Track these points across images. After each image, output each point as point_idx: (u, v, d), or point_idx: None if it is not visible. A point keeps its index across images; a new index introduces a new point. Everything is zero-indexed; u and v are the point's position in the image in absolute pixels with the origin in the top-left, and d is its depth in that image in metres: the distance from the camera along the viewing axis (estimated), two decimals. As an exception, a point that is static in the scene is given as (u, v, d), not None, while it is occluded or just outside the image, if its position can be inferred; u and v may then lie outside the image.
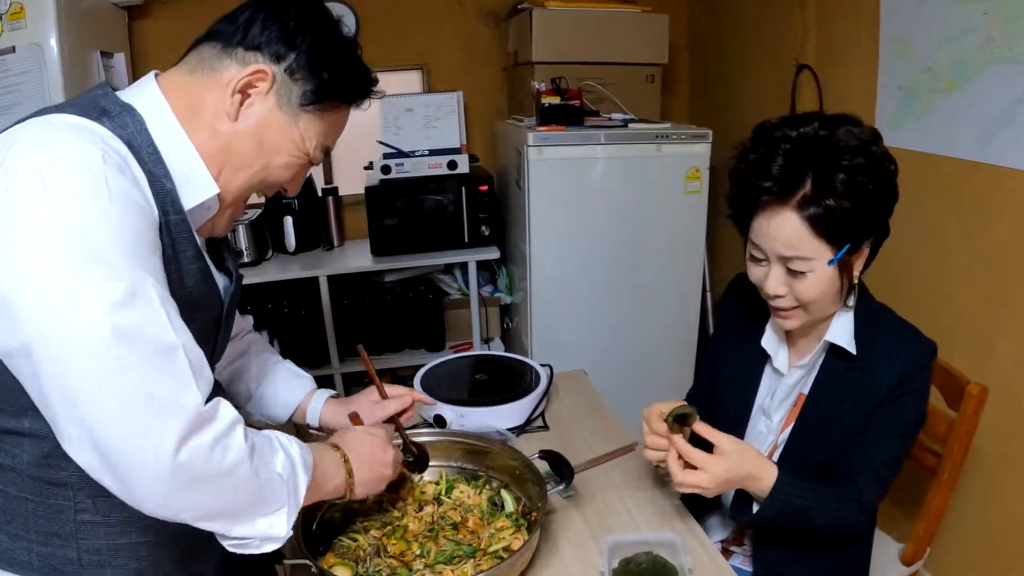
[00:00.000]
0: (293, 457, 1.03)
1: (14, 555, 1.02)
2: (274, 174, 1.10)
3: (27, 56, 2.36)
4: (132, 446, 0.83)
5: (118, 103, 0.99)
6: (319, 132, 1.11)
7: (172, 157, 1.00)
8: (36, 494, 1.00)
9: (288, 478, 1.00)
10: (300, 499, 1.02)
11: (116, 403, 0.82)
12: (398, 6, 3.51)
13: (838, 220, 1.22)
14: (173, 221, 0.99)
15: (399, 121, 3.26)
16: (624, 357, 2.94)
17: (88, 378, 0.81)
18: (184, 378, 0.88)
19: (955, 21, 2.01)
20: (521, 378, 1.88)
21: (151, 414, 0.83)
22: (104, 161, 0.88)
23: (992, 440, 1.93)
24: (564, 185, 2.85)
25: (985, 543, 2.05)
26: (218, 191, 1.05)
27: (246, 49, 1.03)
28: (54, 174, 0.84)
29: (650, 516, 1.42)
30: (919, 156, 2.17)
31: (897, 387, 1.33)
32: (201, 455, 0.87)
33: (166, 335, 0.87)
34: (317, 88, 1.07)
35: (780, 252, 1.27)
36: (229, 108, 1.03)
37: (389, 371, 3.49)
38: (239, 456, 0.92)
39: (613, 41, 3.20)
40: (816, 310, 1.33)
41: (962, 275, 2.08)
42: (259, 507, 0.97)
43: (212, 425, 0.89)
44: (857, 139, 1.25)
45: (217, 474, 0.89)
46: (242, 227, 3.13)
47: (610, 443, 1.67)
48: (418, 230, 3.18)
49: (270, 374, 1.54)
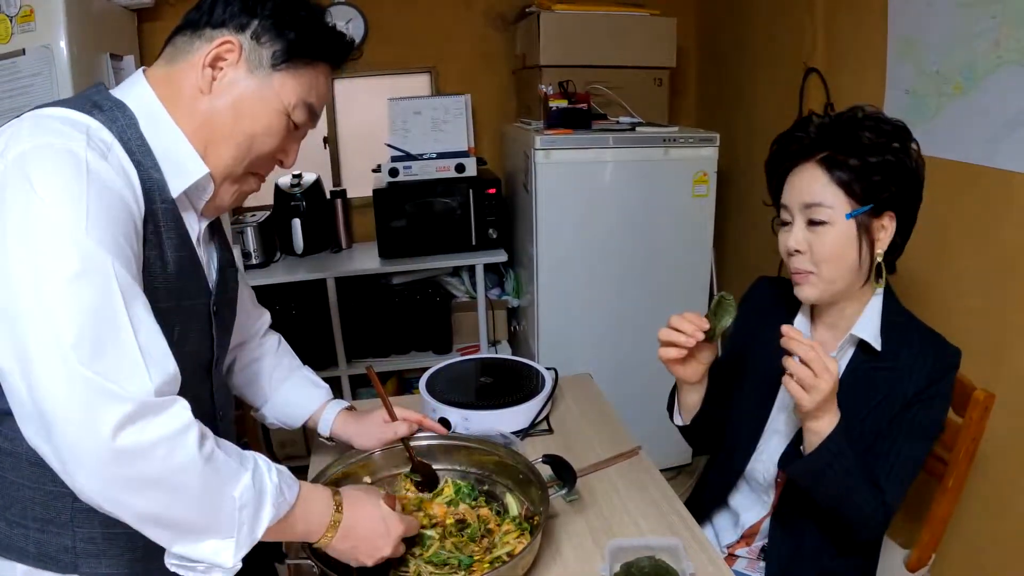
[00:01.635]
0: (264, 488, 0.99)
1: (12, 541, 1.04)
2: (259, 142, 1.12)
3: (37, 58, 2.38)
4: (72, 423, 0.82)
5: (110, 99, 1.04)
6: (296, 91, 1.12)
7: (162, 145, 1.05)
8: (34, 480, 1.02)
9: (244, 507, 0.95)
10: (256, 534, 0.97)
11: (62, 376, 0.82)
12: (407, 9, 3.52)
13: (858, 174, 1.30)
14: (160, 209, 1.03)
15: (407, 124, 3.28)
16: (630, 361, 2.93)
17: (40, 345, 0.82)
18: (131, 363, 0.86)
19: (963, 24, 2.00)
20: (526, 381, 1.88)
21: (92, 391, 0.82)
22: (87, 145, 0.93)
23: (999, 447, 1.92)
24: (572, 188, 2.86)
25: (991, 551, 2.04)
26: (207, 171, 1.09)
27: (213, 28, 1.08)
28: (36, 159, 0.89)
29: (653, 521, 1.42)
30: (926, 160, 2.16)
31: (925, 390, 1.34)
32: (141, 448, 0.84)
33: (117, 317, 0.87)
34: (286, 48, 1.09)
35: (803, 200, 1.34)
36: (202, 83, 1.07)
37: (396, 373, 3.50)
38: (186, 461, 0.89)
39: (621, 44, 3.20)
40: (831, 276, 1.35)
41: (970, 281, 2.07)
42: (205, 528, 0.93)
43: (159, 418, 0.87)
44: (887, 120, 1.35)
45: (157, 475, 0.86)
46: (250, 229, 3.15)
47: (614, 447, 1.67)
48: (426, 233, 3.19)
49: (287, 380, 1.56)
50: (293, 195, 3.29)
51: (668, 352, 1.40)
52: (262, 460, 1.02)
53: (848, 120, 1.34)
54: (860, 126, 1.32)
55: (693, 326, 1.36)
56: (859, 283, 1.38)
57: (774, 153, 1.44)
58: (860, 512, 1.32)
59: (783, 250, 1.40)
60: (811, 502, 1.36)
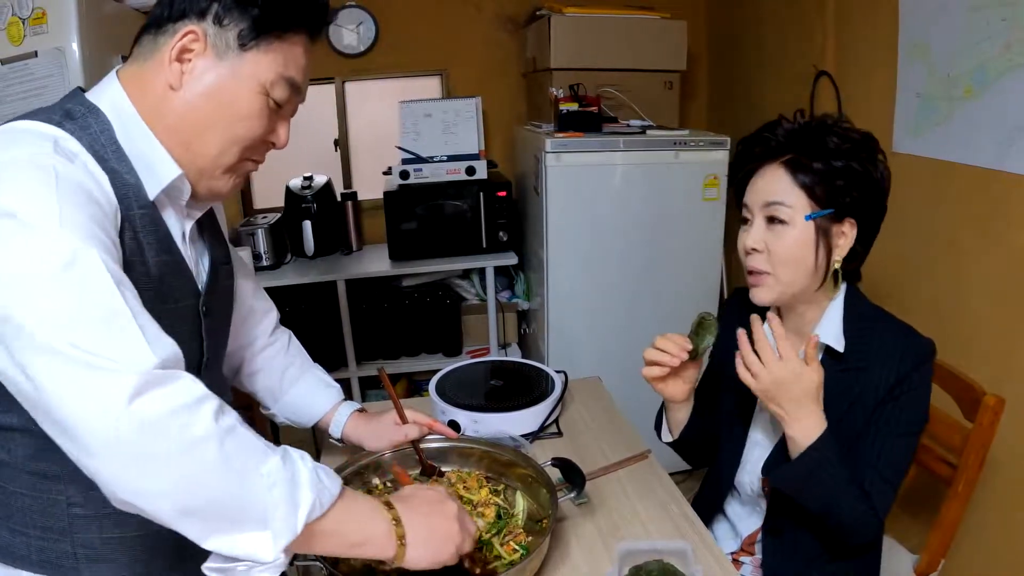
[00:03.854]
0: (297, 470, 0.91)
1: (14, 549, 1.04)
2: (243, 128, 1.08)
3: (49, 60, 2.39)
4: (83, 411, 0.79)
5: (84, 104, 1.02)
6: (272, 68, 1.07)
7: (135, 149, 1.02)
8: (31, 488, 1.02)
9: (275, 485, 0.88)
10: (297, 524, 0.88)
11: (64, 366, 0.80)
12: (418, 13, 3.55)
13: (821, 177, 1.31)
14: (137, 215, 1.01)
15: (418, 127, 3.29)
16: (640, 365, 2.90)
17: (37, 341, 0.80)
18: (132, 340, 0.83)
19: (974, 28, 1.99)
20: (536, 384, 1.89)
21: (96, 373, 0.80)
22: (54, 152, 0.91)
23: (1010, 451, 1.91)
24: (582, 191, 2.86)
25: (1001, 555, 2.03)
26: (180, 172, 1.06)
27: (174, 21, 1.04)
28: (3, 175, 0.87)
29: (661, 524, 1.42)
30: (937, 164, 2.16)
31: (896, 387, 1.32)
32: (153, 421, 0.80)
33: (112, 301, 0.85)
34: (252, 25, 1.04)
35: (764, 199, 1.35)
36: (172, 79, 1.04)
37: (405, 375, 3.51)
38: (204, 434, 0.83)
39: (631, 47, 3.21)
40: (788, 278, 1.35)
41: (980, 284, 2.07)
42: (238, 514, 0.86)
43: (167, 389, 0.83)
44: (856, 130, 1.35)
45: (175, 450, 0.81)
46: (261, 231, 3.17)
47: (623, 450, 1.68)
48: (436, 235, 3.20)
49: (300, 380, 1.56)
50: (304, 197, 3.31)
51: (652, 371, 1.45)
52: (293, 449, 0.95)
53: (817, 126, 1.35)
54: (828, 131, 1.33)
55: (677, 347, 1.39)
56: (815, 287, 1.37)
57: (739, 153, 1.45)
58: (850, 518, 1.31)
59: (741, 248, 1.41)
60: (802, 509, 1.36)
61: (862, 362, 1.36)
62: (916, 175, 2.23)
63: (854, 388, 1.35)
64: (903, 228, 2.28)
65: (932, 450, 1.62)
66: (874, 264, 1.45)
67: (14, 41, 2.39)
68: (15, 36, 2.39)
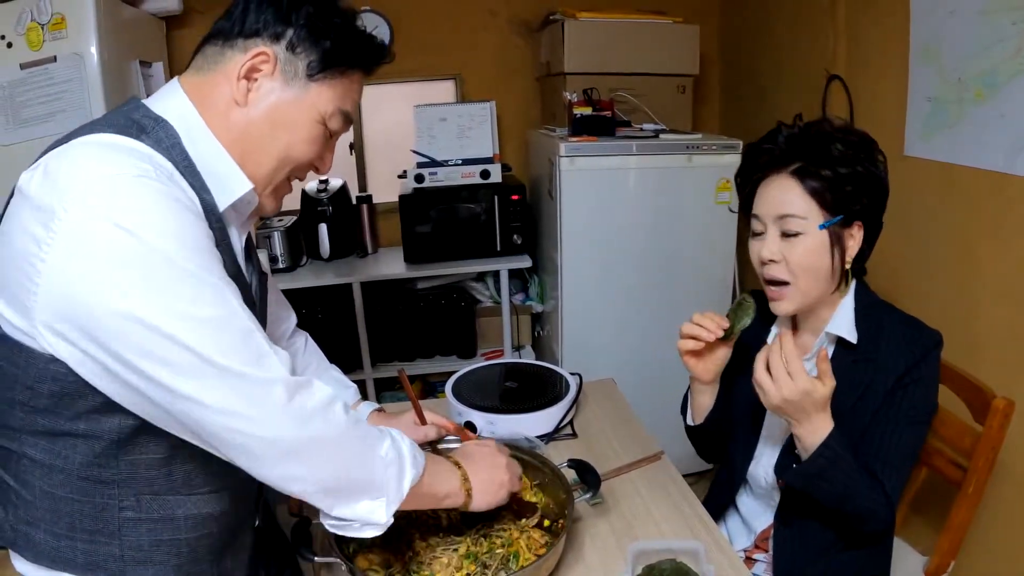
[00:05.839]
0: (402, 450, 1.08)
1: (59, 553, 1.05)
2: (297, 150, 1.11)
3: (68, 65, 2.43)
4: (249, 420, 0.91)
5: (150, 116, 1.02)
6: (332, 100, 1.11)
7: (205, 162, 1.04)
8: (83, 493, 1.03)
9: (390, 464, 1.05)
10: (403, 491, 1.06)
11: (228, 389, 0.90)
12: (432, 17, 3.56)
13: (831, 184, 1.34)
14: (216, 230, 1.03)
15: (433, 131, 3.31)
16: (654, 367, 2.94)
17: (196, 374, 0.89)
18: (268, 354, 0.95)
19: (985, 32, 2.00)
20: (551, 386, 1.91)
21: (253, 387, 0.92)
22: (156, 175, 0.92)
23: (1020, 454, 1.91)
24: (595, 195, 2.88)
25: (1010, 557, 2.04)
26: (251, 186, 1.09)
27: (246, 38, 1.06)
28: (112, 192, 0.88)
29: (675, 524, 1.44)
30: (948, 167, 2.17)
31: (904, 375, 1.36)
32: (309, 416, 0.95)
33: (242, 322, 0.94)
34: (322, 57, 1.08)
35: (776, 212, 1.38)
36: (237, 95, 1.06)
37: (421, 377, 3.53)
38: (344, 425, 1.00)
39: (644, 52, 3.22)
40: (807, 287, 1.38)
41: (991, 288, 2.08)
42: (363, 488, 1.03)
43: (310, 390, 0.97)
44: (854, 131, 1.39)
45: (328, 441, 0.98)
46: (277, 234, 3.20)
47: (637, 452, 1.70)
48: (451, 238, 3.22)
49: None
50: (320, 200, 3.34)
51: (687, 344, 1.46)
52: (389, 429, 1.11)
53: (818, 132, 1.38)
54: (831, 138, 1.35)
55: (715, 323, 1.42)
56: (831, 290, 1.42)
57: (744, 163, 1.48)
58: (864, 507, 1.35)
59: (755, 259, 1.44)
60: (814, 500, 1.38)
61: (872, 352, 1.40)
62: (927, 179, 2.24)
63: (865, 377, 1.39)
64: (914, 231, 2.29)
65: (942, 453, 1.64)
66: (885, 267, 1.47)
67: (33, 46, 2.43)
68: (34, 41, 2.43)
